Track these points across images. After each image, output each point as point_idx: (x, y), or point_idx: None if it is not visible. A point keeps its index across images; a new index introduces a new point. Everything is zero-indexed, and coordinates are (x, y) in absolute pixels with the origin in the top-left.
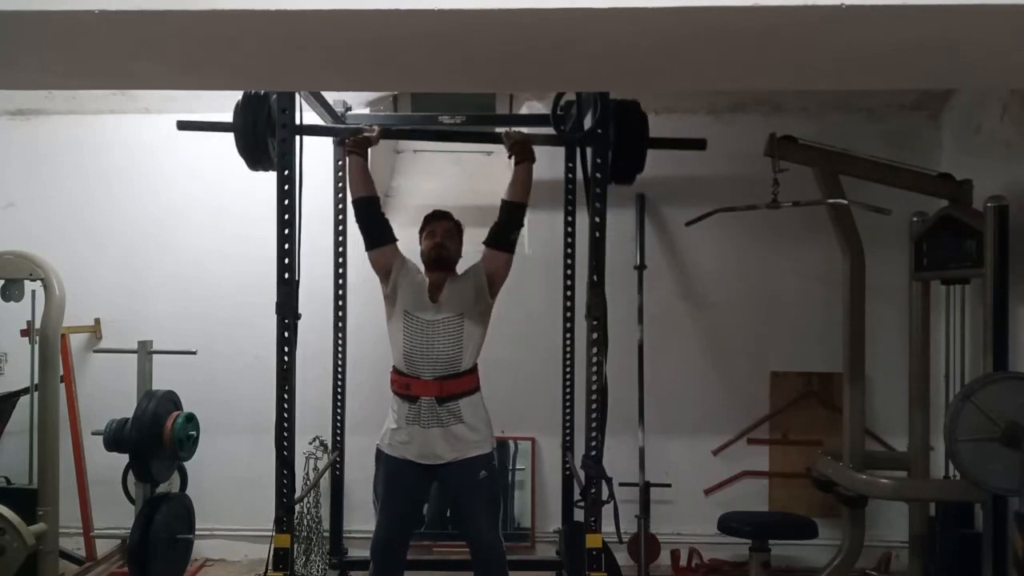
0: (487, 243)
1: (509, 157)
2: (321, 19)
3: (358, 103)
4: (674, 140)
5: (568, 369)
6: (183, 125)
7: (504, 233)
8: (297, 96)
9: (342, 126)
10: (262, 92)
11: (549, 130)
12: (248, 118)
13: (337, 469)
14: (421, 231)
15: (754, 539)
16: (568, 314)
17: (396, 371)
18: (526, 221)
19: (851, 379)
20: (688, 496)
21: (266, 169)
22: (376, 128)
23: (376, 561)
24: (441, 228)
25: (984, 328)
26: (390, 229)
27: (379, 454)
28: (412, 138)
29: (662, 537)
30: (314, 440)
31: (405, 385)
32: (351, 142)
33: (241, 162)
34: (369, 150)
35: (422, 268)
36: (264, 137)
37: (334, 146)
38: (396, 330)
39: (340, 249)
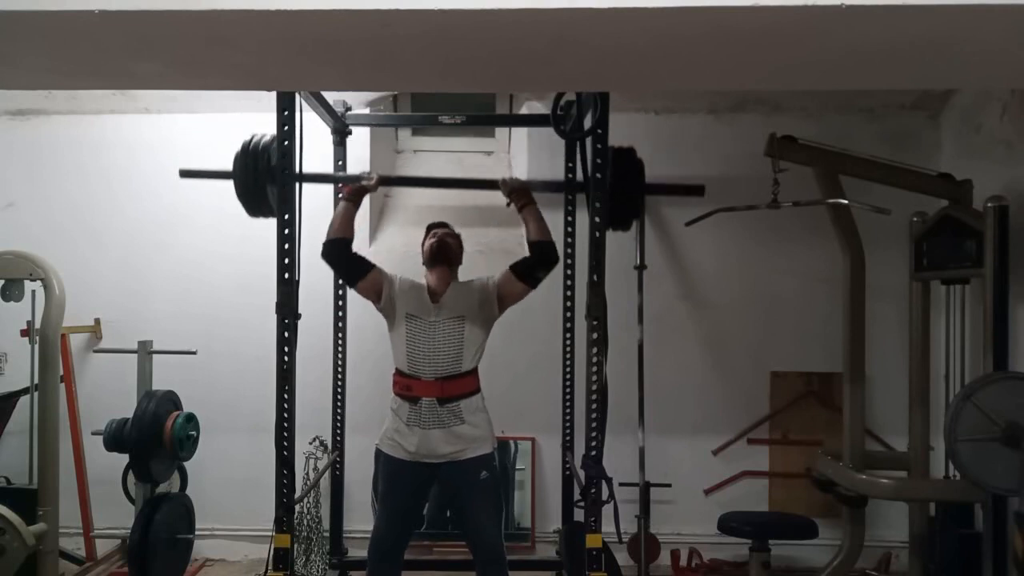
0: (513, 268)
1: (507, 205)
2: (321, 19)
3: (358, 103)
4: (671, 186)
5: (568, 369)
6: (185, 173)
7: (534, 268)
8: (297, 96)
9: (342, 175)
10: (261, 144)
11: (550, 176)
12: (248, 166)
13: (337, 469)
14: (423, 241)
15: (754, 539)
16: (568, 314)
17: (398, 372)
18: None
19: (851, 379)
20: (688, 496)
21: (265, 216)
22: (374, 176)
23: (373, 560)
24: (443, 231)
25: (984, 328)
26: (367, 259)
27: (379, 454)
28: (412, 185)
29: (662, 537)
30: (314, 440)
31: (406, 386)
32: (348, 190)
33: None
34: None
35: (417, 278)
36: (263, 185)
37: (334, 146)
38: (399, 335)
39: None
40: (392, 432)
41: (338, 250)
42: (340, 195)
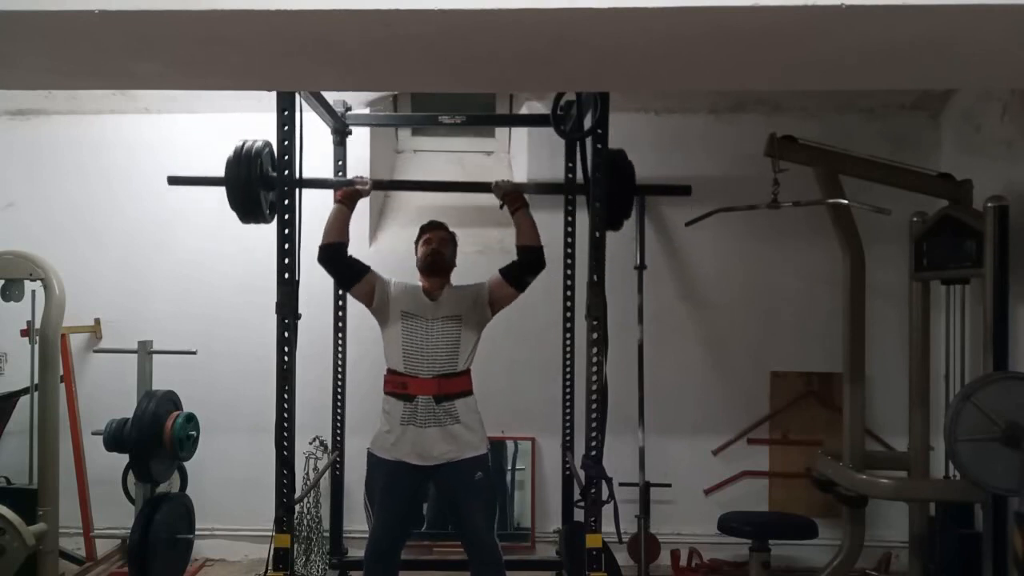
0: (502, 272)
1: (501, 207)
2: (321, 19)
3: (358, 103)
4: (660, 186)
5: (568, 369)
6: (174, 180)
7: (522, 273)
8: (297, 96)
9: (336, 179)
10: (254, 150)
11: (546, 179)
12: (240, 173)
13: (337, 469)
14: (417, 240)
15: (754, 539)
16: (568, 314)
17: (391, 372)
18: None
19: (851, 379)
20: (688, 496)
21: (257, 222)
22: (368, 181)
23: (370, 563)
24: (436, 236)
25: (984, 328)
26: (360, 263)
27: (371, 458)
28: (406, 189)
29: (662, 537)
30: (314, 440)
31: (401, 384)
32: (342, 193)
33: None
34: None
35: (411, 281)
36: (256, 191)
37: (334, 146)
38: (394, 333)
39: None
40: (385, 434)
41: (334, 254)
42: (335, 199)
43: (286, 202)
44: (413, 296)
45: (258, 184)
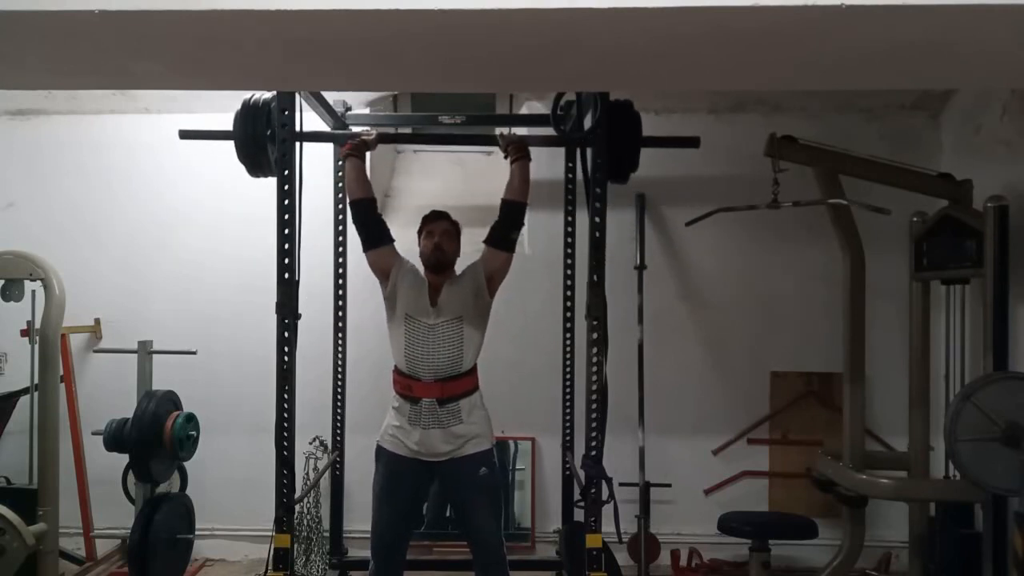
0: (487, 242)
1: (505, 157)
2: (321, 19)
3: (358, 103)
4: (666, 139)
5: (568, 369)
6: (185, 134)
7: (504, 232)
8: (297, 96)
9: (341, 132)
10: (261, 101)
11: (548, 130)
12: (248, 126)
13: (337, 469)
14: (419, 232)
15: (754, 539)
16: (568, 314)
17: (398, 371)
18: (526, 220)
19: (851, 379)
20: (688, 496)
21: (266, 176)
22: (374, 132)
23: (377, 559)
24: (439, 228)
25: (984, 328)
26: (387, 230)
27: (380, 450)
28: (410, 142)
29: (662, 537)
30: (314, 440)
31: (407, 386)
32: (349, 145)
33: None
34: (367, 153)
35: (421, 269)
36: (264, 144)
37: (334, 146)
38: (397, 333)
39: (340, 249)
40: (394, 429)
41: (364, 210)
42: (342, 153)
43: (286, 201)
44: (417, 295)
45: (265, 136)
